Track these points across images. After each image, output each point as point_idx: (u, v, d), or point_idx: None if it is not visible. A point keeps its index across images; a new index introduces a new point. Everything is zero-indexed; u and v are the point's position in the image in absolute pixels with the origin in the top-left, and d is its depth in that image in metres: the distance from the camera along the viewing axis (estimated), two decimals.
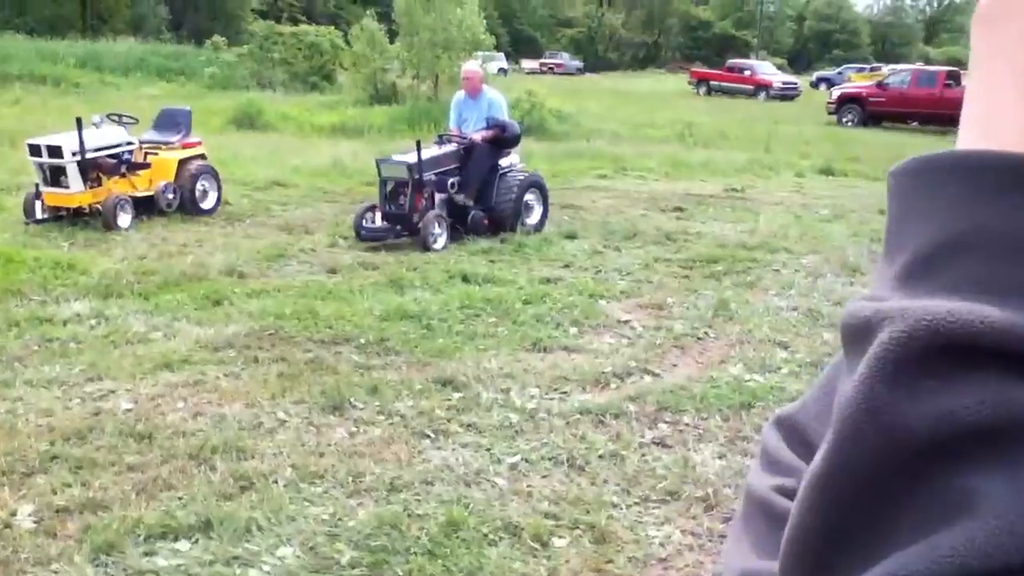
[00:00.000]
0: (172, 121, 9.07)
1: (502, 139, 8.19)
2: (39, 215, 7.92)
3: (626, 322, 5.72)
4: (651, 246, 7.92)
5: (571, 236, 8.18)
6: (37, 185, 7.99)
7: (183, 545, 2.95)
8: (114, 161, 8.16)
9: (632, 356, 5.00)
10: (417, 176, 7.60)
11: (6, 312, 5.38)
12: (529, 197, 8.29)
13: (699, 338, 5.41)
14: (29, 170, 8.40)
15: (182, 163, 8.64)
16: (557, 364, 4.86)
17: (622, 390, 4.52)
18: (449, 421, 4.07)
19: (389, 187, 7.79)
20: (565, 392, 4.48)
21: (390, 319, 5.52)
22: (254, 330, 5.20)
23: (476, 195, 8.01)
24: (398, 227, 7.72)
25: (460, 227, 7.85)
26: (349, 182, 10.79)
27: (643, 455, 3.78)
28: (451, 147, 8.08)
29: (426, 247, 7.41)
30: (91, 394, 4.23)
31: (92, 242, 7.37)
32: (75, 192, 7.88)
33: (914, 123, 22.74)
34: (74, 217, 7.99)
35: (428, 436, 3.91)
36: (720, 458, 3.75)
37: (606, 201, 10.31)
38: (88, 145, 7.87)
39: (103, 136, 8.25)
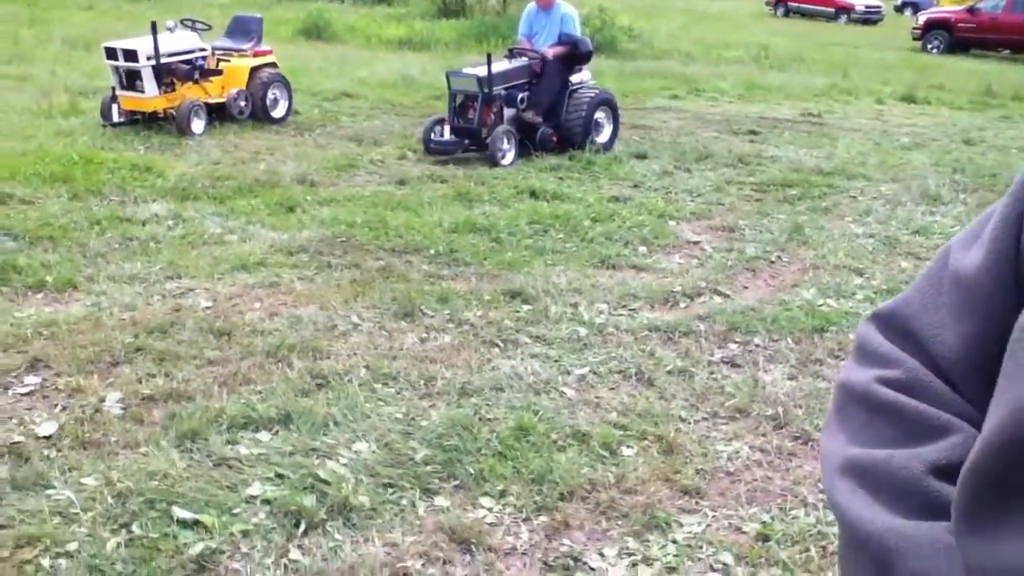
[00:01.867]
0: (244, 28, 9.07)
1: (574, 55, 8.00)
2: (116, 119, 8.05)
3: (696, 243, 5.64)
4: (723, 168, 7.75)
5: (641, 156, 8.04)
6: (113, 89, 8.10)
7: (264, 436, 3.05)
8: (188, 67, 8.21)
9: (702, 277, 4.95)
10: (487, 90, 7.50)
11: (88, 211, 5.53)
12: (599, 115, 8.14)
13: (771, 262, 5.33)
14: (104, 74, 8.52)
15: (254, 71, 8.66)
16: (626, 282, 4.83)
17: (691, 309, 4.49)
18: (518, 332, 4.09)
19: (458, 100, 7.72)
20: (634, 309, 4.46)
21: (459, 231, 5.54)
22: (326, 237, 5.27)
23: (545, 111, 7.88)
24: (466, 141, 7.67)
25: (528, 143, 7.77)
26: (417, 96, 10.73)
27: (712, 373, 3.77)
28: (522, 62, 7.94)
29: (494, 163, 7.37)
30: (171, 291, 4.35)
31: (167, 146, 7.49)
32: (150, 96, 7.97)
33: (1005, 51, 21.63)
34: (149, 121, 8.11)
35: (497, 345, 3.95)
36: (791, 379, 3.72)
37: (677, 122, 10.09)
38: (163, 50, 7.93)
39: (177, 41, 8.30)
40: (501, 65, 7.79)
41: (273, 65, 8.97)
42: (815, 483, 2.95)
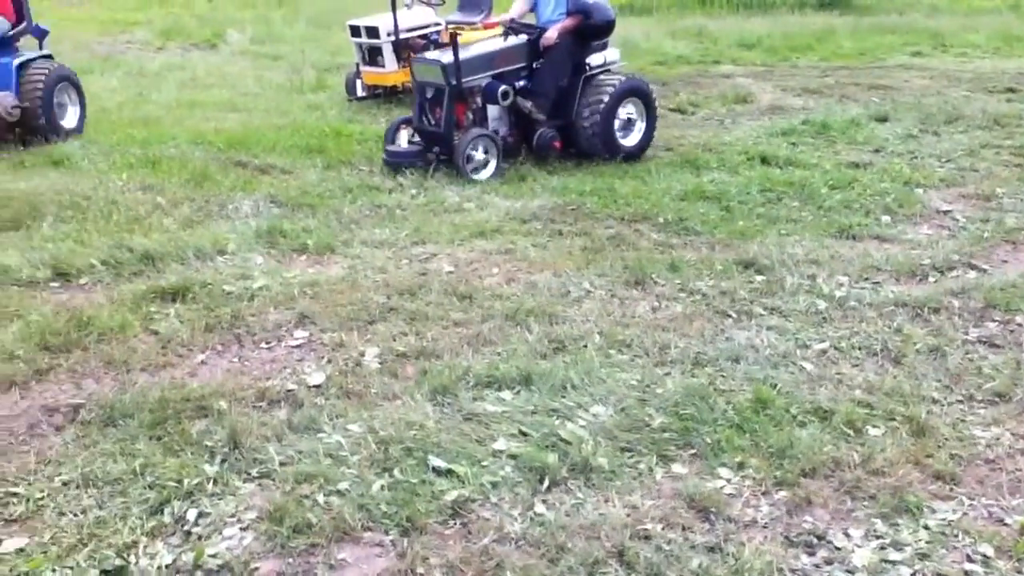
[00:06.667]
0: (475, 1, 9.37)
1: (587, 28, 6.20)
2: (359, 93, 8.61)
3: (947, 212, 5.27)
4: (976, 131, 7.14)
5: (881, 119, 7.57)
6: (357, 65, 8.66)
7: (507, 395, 3.21)
8: (424, 41, 8.61)
9: (954, 249, 4.62)
10: (454, 82, 5.96)
11: (340, 180, 5.98)
12: (626, 110, 6.35)
13: None
14: (345, 51, 9.13)
15: None
16: (868, 253, 4.60)
17: (942, 284, 4.21)
18: (752, 303, 4.02)
19: (427, 94, 6.15)
20: (877, 282, 4.25)
21: (687, 199, 5.49)
22: (557, 205, 5.40)
23: (551, 106, 6.22)
24: (435, 149, 6.10)
25: (527, 146, 6.34)
26: (640, 61, 10.65)
27: (967, 353, 3.53)
28: (518, 40, 6.27)
29: (465, 176, 5.90)
30: (417, 256, 4.64)
31: None
32: (390, 71, 8.45)
33: None
34: (388, 95, 8.61)
35: (730, 315, 3.90)
36: None
37: (921, 81, 9.38)
38: (401, 26, 8.36)
39: (414, 17, 8.73)
40: (484, 47, 6.26)
41: None
42: None
